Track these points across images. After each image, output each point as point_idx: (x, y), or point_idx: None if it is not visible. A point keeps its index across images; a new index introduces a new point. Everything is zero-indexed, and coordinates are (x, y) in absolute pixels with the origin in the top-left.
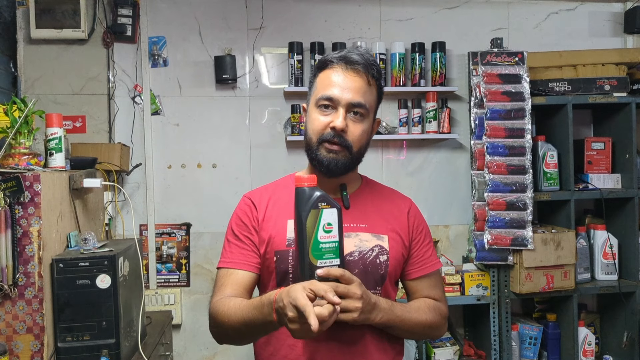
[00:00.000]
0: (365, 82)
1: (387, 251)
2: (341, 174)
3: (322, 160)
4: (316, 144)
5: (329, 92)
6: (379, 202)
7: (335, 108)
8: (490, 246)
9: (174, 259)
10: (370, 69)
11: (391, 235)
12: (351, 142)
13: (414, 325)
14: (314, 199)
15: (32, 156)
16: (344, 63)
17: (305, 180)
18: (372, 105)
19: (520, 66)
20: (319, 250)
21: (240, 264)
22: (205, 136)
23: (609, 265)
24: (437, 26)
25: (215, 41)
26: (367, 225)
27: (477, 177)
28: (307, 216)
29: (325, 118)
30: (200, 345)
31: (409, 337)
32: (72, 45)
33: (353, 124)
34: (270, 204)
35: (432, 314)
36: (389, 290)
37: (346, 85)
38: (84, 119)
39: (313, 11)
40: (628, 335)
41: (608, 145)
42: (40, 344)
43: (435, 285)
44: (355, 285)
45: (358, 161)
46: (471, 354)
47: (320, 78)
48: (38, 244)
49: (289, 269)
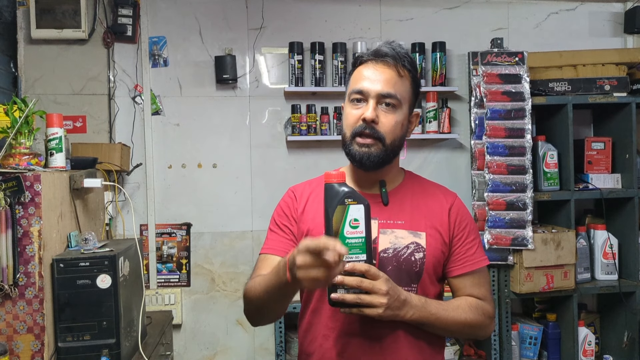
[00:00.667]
0: (396, 73)
1: (424, 248)
2: (376, 167)
3: (355, 154)
4: (350, 139)
5: (359, 86)
6: (420, 198)
7: (367, 101)
8: (491, 246)
9: (175, 258)
10: (400, 60)
11: (430, 232)
12: (383, 134)
13: (451, 323)
14: (341, 194)
15: (32, 156)
16: (373, 57)
17: (334, 176)
18: (405, 96)
19: (521, 66)
20: (346, 245)
21: (278, 250)
22: (205, 136)
23: (609, 265)
24: (438, 26)
25: (216, 41)
26: (404, 222)
27: (477, 177)
28: (334, 212)
29: (357, 111)
30: (201, 345)
31: (449, 335)
32: (73, 45)
33: (384, 115)
34: (311, 198)
35: (472, 313)
36: (428, 287)
37: (375, 78)
38: (84, 119)
39: (313, 11)
40: (628, 335)
41: (608, 145)
42: (40, 344)
43: (479, 283)
44: (381, 281)
45: (394, 154)
46: (471, 354)
47: (354, 75)
48: (38, 244)
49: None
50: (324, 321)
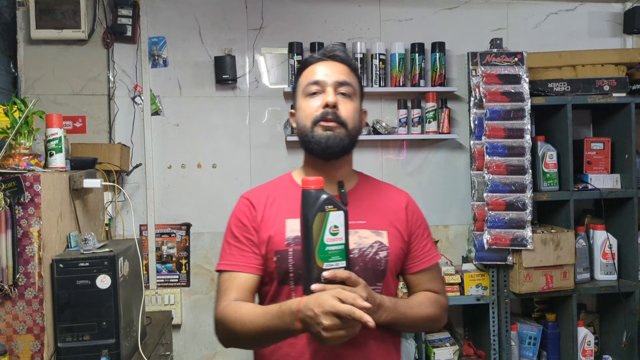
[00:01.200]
0: (347, 69)
1: (387, 247)
2: (339, 154)
3: (320, 139)
4: (311, 127)
5: (315, 77)
6: (377, 198)
7: (324, 90)
8: (490, 246)
9: (174, 259)
10: (348, 59)
11: (390, 230)
12: (345, 119)
13: (417, 319)
14: (321, 201)
15: (32, 156)
16: (324, 56)
17: (312, 182)
18: (358, 89)
19: (520, 66)
20: (325, 252)
21: (243, 266)
22: (205, 136)
23: (608, 265)
24: (437, 26)
25: (215, 41)
26: (366, 222)
27: (477, 177)
28: (314, 219)
29: (316, 102)
30: (200, 345)
31: (412, 331)
32: (72, 46)
33: (343, 101)
34: (268, 203)
35: (433, 308)
36: (390, 285)
37: (330, 70)
38: (84, 119)
39: (313, 11)
40: (627, 335)
41: (607, 146)
42: (40, 344)
43: (435, 278)
44: (360, 287)
45: (353, 143)
46: (471, 354)
47: (304, 74)
48: (38, 245)
49: (289, 269)
50: None
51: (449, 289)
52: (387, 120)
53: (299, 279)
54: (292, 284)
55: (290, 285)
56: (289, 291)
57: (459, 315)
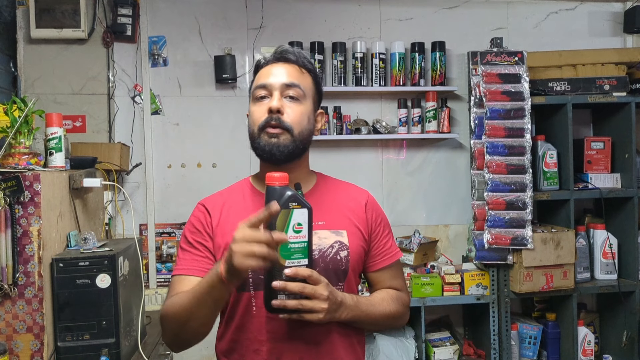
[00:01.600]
0: (297, 69)
1: (347, 246)
2: (286, 160)
3: (264, 146)
4: (257, 133)
5: (262, 81)
6: (335, 197)
7: (271, 94)
8: (490, 246)
9: (174, 258)
10: (301, 59)
11: (350, 229)
12: (290, 124)
13: (379, 317)
14: (285, 198)
15: (32, 156)
16: (273, 58)
17: (276, 179)
18: (308, 91)
19: (520, 66)
20: (288, 250)
21: (193, 270)
22: (205, 136)
23: (609, 265)
24: (437, 26)
25: (215, 41)
26: (325, 222)
27: (477, 177)
28: (277, 216)
29: (262, 107)
30: (200, 345)
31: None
32: (72, 45)
33: (289, 105)
34: (225, 209)
35: (395, 305)
36: (352, 284)
37: (278, 72)
38: (83, 118)
39: (313, 11)
40: (627, 334)
41: (607, 145)
42: (40, 344)
43: (396, 275)
44: (322, 286)
45: (303, 148)
46: (471, 354)
47: (256, 77)
48: (38, 244)
49: (249, 274)
50: (253, 335)
51: (449, 289)
52: (387, 119)
53: (258, 285)
54: (251, 289)
55: (250, 291)
56: (249, 297)
57: (459, 314)
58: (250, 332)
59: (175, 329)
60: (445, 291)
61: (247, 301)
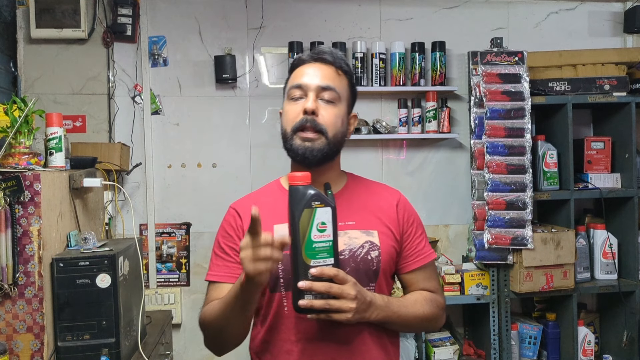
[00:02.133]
0: (334, 71)
1: (378, 246)
2: (319, 163)
3: (297, 149)
4: (291, 134)
5: (298, 81)
6: (367, 198)
7: (306, 95)
8: (490, 245)
9: (174, 258)
10: (338, 60)
11: (381, 229)
12: (324, 126)
13: (411, 319)
14: (308, 197)
15: (32, 156)
16: (312, 57)
17: (298, 178)
18: (343, 93)
19: (520, 66)
20: (313, 249)
21: (226, 276)
22: (205, 136)
23: (609, 265)
24: (437, 26)
25: (215, 41)
26: (355, 222)
27: (477, 177)
28: (301, 215)
29: (297, 107)
30: (201, 345)
31: (407, 331)
32: (72, 45)
33: (324, 108)
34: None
35: (429, 307)
36: (383, 286)
37: (314, 73)
38: (84, 118)
39: (313, 11)
40: (628, 334)
41: (608, 145)
42: (40, 343)
43: (430, 277)
44: (349, 285)
45: (336, 149)
46: (471, 354)
47: (292, 76)
48: (38, 244)
49: (279, 274)
50: (285, 336)
51: (449, 289)
52: (387, 119)
53: (289, 285)
54: (283, 290)
55: (281, 292)
56: (280, 298)
57: (459, 314)
58: (282, 332)
59: (213, 336)
60: (446, 291)
61: (278, 302)
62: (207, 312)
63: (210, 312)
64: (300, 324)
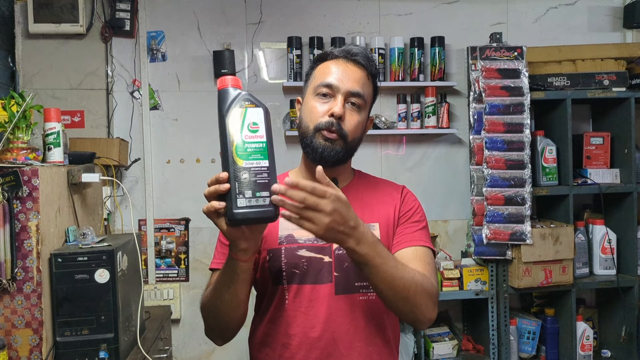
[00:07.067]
0: (365, 75)
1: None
2: (334, 163)
3: (317, 148)
4: (313, 132)
5: (329, 79)
6: (372, 193)
7: (334, 96)
8: (489, 241)
9: (173, 253)
10: (370, 64)
11: (382, 221)
12: (347, 132)
13: (397, 279)
14: (238, 97)
15: (30, 151)
16: (345, 55)
17: (228, 80)
18: (369, 99)
19: (519, 61)
20: (245, 150)
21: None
22: (204, 131)
23: (608, 260)
24: (436, 21)
25: (214, 36)
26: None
27: (476, 172)
28: (229, 114)
29: (323, 106)
30: (200, 340)
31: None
32: (71, 40)
33: (350, 113)
34: None
35: (420, 277)
36: None
37: (347, 75)
38: (82, 113)
39: (312, 6)
40: (626, 329)
41: (607, 140)
42: (39, 339)
43: (421, 258)
44: (327, 201)
45: (351, 153)
46: (470, 349)
47: (320, 68)
48: (36, 239)
49: (282, 267)
50: (283, 329)
51: (448, 284)
52: (386, 115)
53: (292, 278)
54: (285, 282)
55: (284, 284)
56: (282, 290)
57: (458, 309)
58: (281, 325)
59: (210, 318)
60: (444, 286)
61: (280, 294)
62: (205, 294)
63: (207, 293)
64: (299, 317)
